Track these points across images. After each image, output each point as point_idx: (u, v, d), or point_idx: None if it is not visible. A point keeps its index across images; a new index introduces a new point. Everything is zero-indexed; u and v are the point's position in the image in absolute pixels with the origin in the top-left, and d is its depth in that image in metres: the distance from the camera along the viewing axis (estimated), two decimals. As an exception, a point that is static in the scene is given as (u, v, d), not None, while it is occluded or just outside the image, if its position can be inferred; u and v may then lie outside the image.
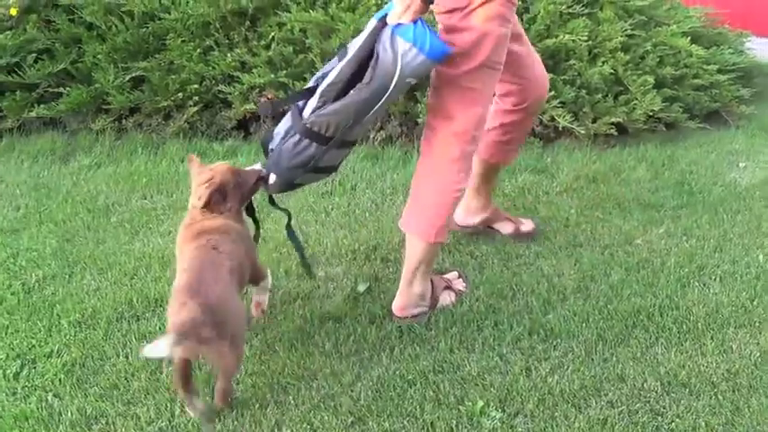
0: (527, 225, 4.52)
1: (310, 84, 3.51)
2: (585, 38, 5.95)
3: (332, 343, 3.42)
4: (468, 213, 4.37)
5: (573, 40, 5.88)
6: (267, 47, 5.75)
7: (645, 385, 3.28)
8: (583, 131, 5.74)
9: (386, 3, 5.27)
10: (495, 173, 4.42)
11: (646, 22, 6.63)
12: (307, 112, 3.38)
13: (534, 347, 3.47)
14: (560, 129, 5.76)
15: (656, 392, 3.25)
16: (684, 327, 3.69)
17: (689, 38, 6.65)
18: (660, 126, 6.21)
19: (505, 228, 4.48)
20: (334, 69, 3.37)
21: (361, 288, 3.83)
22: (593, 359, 3.42)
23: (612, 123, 5.85)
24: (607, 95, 5.94)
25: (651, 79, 6.05)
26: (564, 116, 5.66)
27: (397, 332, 3.52)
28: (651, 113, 6.01)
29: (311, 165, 3.43)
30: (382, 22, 3.33)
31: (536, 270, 4.01)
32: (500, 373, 3.30)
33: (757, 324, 3.75)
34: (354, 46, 3.37)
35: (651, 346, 3.54)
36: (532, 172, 5.29)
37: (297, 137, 3.40)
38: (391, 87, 3.32)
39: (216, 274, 3.03)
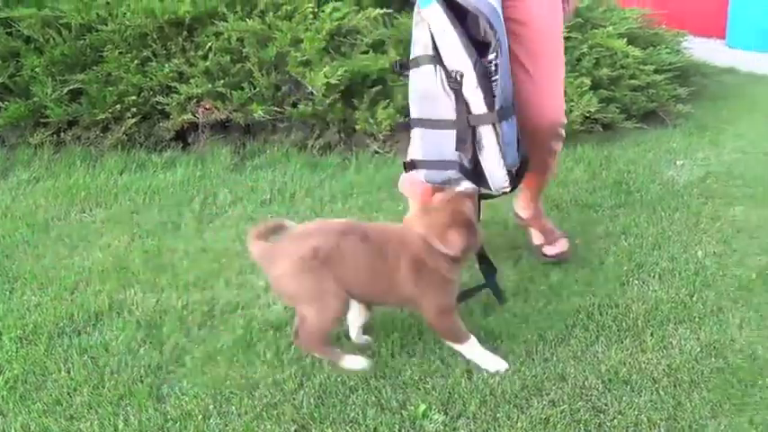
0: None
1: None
2: (522, 42, 5.99)
3: (273, 352, 3.41)
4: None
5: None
6: (204, 57, 5.73)
7: (586, 383, 3.30)
8: (520, 135, 5.75)
9: (323, 10, 5.33)
10: None
11: (582, 24, 6.71)
12: (480, 106, 3.47)
13: (476, 350, 3.49)
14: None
15: (598, 390, 3.26)
16: (624, 324, 3.73)
17: (625, 39, 6.76)
18: (597, 127, 6.29)
19: None
20: (458, 60, 3.44)
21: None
22: (533, 359, 3.44)
23: (550, 126, 5.87)
24: (545, 97, 5.98)
25: (588, 81, 6.12)
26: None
27: (337, 339, 3.51)
28: (588, 115, 6.07)
29: None
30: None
31: (475, 273, 4.03)
32: (442, 376, 3.30)
33: (697, 319, 3.80)
34: (438, 32, 3.46)
35: (591, 345, 3.57)
36: (472, 176, 5.27)
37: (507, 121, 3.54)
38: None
39: None
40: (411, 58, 3.60)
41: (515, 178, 3.69)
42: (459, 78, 3.45)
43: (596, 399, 3.22)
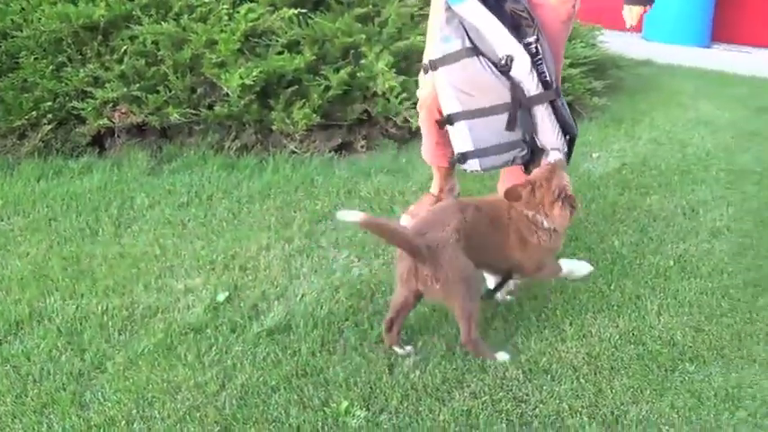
0: None
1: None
2: (437, 38, 6.03)
3: (194, 354, 3.41)
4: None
5: (424, 42, 5.94)
6: (120, 61, 5.67)
7: (507, 374, 3.36)
8: (436, 130, 5.79)
9: (237, 11, 5.33)
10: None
11: (495, 20, 6.75)
12: (536, 86, 3.74)
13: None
14: (414, 129, 5.81)
15: (519, 380, 3.33)
16: (543, 315, 3.81)
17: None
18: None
19: None
20: (506, 44, 3.71)
21: (221, 297, 3.82)
22: (454, 353, 3.48)
23: (465, 121, 5.92)
24: (459, 93, 6.03)
25: (504, 77, 6.16)
26: (417, 117, 5.68)
27: (258, 339, 3.53)
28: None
29: None
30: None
31: (394, 270, 4.06)
32: (363, 372, 3.33)
33: (615, 308, 3.90)
34: (481, 23, 3.73)
35: (511, 336, 3.64)
36: (388, 173, 5.38)
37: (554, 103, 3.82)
38: None
39: None
40: (441, 55, 3.81)
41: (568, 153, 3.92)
42: (509, 63, 3.70)
43: (517, 389, 3.28)
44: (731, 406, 3.27)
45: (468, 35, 3.73)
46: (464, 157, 3.89)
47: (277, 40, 5.72)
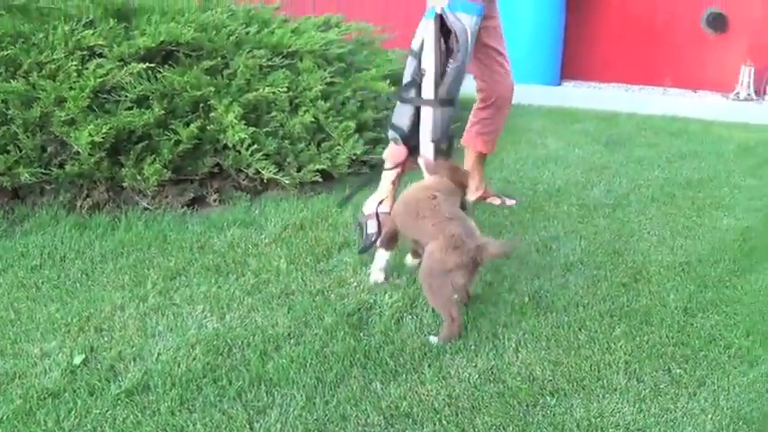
0: (510, 201, 6.12)
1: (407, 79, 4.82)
2: (286, 89, 6.09)
3: (54, 420, 3.36)
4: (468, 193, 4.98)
5: (273, 93, 6.01)
6: (-32, 120, 5.56)
7: (368, 421, 3.39)
8: (288, 181, 5.88)
9: (86, 67, 5.28)
10: (483, 160, 6.14)
11: (346, 68, 6.87)
12: (429, 92, 4.73)
13: (256, 399, 3.52)
14: (266, 181, 5.87)
15: (380, 426, 3.37)
16: (401, 360, 3.85)
17: (388, 80, 6.89)
18: (365, 168, 6.43)
19: (495, 201, 6.10)
20: (428, 61, 4.67)
21: (78, 360, 3.76)
22: (314, 403, 3.50)
23: (318, 171, 6.02)
24: (310, 144, 6.12)
25: (353, 124, 6.26)
26: (268, 168, 5.77)
27: (117, 401, 3.49)
28: (354, 157, 6.21)
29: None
30: (438, 15, 4.63)
31: (250, 323, 4.09)
32: (224, 429, 3.32)
33: (473, 347, 3.96)
34: (425, 39, 4.68)
35: (371, 383, 3.66)
36: (241, 226, 5.37)
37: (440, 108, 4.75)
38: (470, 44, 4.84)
39: None
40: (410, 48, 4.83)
41: (443, 151, 4.85)
42: (423, 73, 4.71)
43: (380, 435, 3.31)
44: (594, 435, 3.38)
45: (422, 42, 4.72)
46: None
47: (126, 96, 5.68)
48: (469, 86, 5.55)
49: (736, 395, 3.70)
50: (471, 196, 5.65)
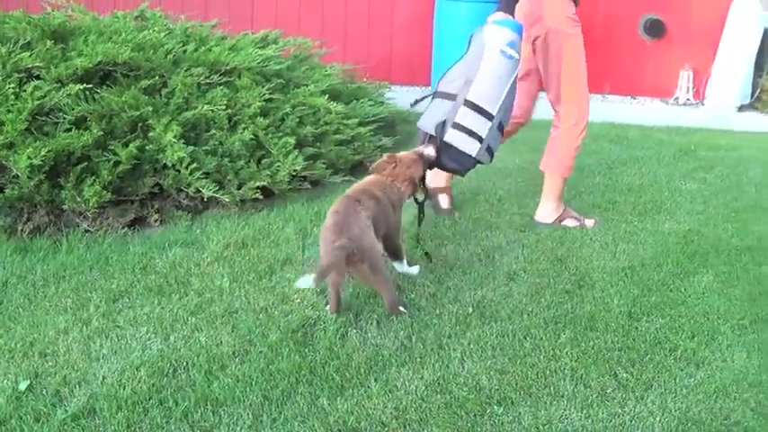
0: (589, 221, 6.11)
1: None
2: (224, 107, 6.08)
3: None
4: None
5: (212, 110, 5.99)
6: None
7: (317, 437, 3.38)
8: (229, 199, 5.84)
9: (24, 90, 5.22)
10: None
11: (284, 84, 6.85)
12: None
13: (203, 419, 3.51)
14: (206, 199, 5.84)
15: (329, 442, 3.36)
16: (347, 374, 3.86)
17: (327, 96, 6.89)
18: (306, 184, 6.41)
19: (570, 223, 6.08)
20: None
21: (23, 386, 3.72)
22: (261, 421, 3.50)
23: (258, 188, 6.00)
24: (250, 161, 6.08)
25: (292, 140, 6.23)
26: (208, 186, 5.74)
27: (63, 426, 3.46)
28: (295, 173, 6.19)
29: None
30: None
31: (195, 343, 4.08)
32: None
33: (418, 360, 3.99)
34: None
35: (317, 399, 3.67)
36: (182, 246, 5.33)
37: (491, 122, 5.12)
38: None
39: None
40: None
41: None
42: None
43: (327, 451, 3.30)
44: (543, 443, 3.40)
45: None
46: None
47: (64, 117, 5.63)
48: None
49: (683, 397, 3.76)
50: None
